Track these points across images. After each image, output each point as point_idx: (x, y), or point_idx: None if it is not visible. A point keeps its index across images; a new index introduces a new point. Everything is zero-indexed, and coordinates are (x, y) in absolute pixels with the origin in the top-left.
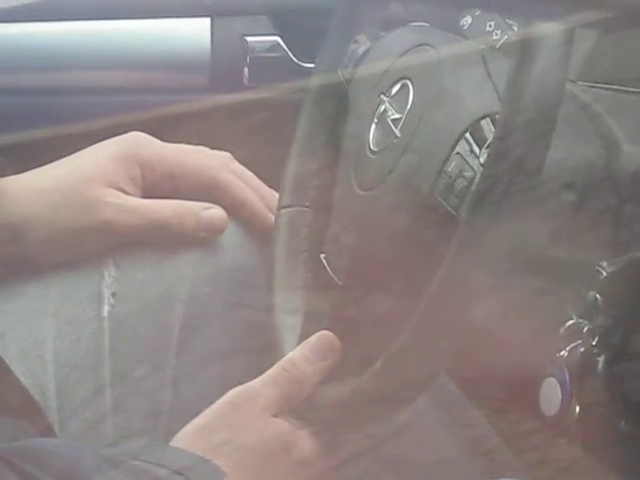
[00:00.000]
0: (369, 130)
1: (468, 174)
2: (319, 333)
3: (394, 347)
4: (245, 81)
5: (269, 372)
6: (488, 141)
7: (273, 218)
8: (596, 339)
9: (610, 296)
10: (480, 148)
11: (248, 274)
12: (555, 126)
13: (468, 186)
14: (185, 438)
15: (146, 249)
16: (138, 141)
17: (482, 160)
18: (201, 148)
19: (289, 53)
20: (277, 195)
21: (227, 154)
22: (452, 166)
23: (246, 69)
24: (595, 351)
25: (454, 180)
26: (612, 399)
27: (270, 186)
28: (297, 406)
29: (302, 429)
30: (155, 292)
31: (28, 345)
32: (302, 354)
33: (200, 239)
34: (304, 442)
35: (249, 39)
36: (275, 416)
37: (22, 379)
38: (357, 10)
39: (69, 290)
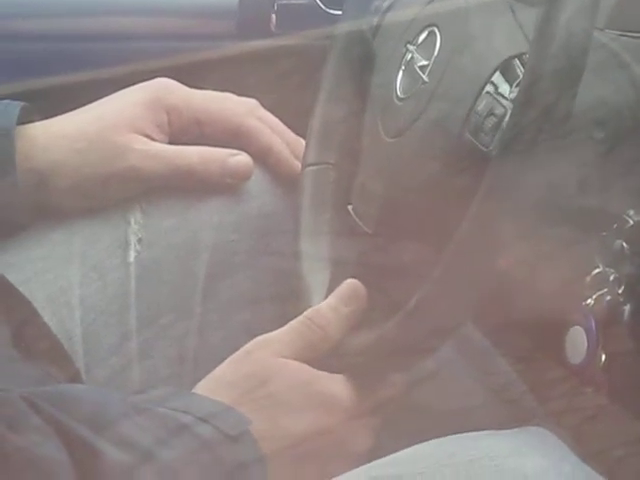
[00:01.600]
0: (396, 78)
1: (499, 111)
2: (346, 281)
3: (420, 295)
4: (272, 28)
5: (293, 321)
6: (518, 80)
7: (299, 165)
8: (622, 288)
9: (637, 245)
10: (510, 87)
11: (274, 221)
12: (582, 73)
13: (499, 123)
14: (207, 387)
15: (172, 195)
16: (165, 87)
17: (512, 97)
18: (228, 95)
19: (317, 0)
20: (304, 142)
21: (254, 101)
22: (482, 105)
23: (273, 16)
24: (621, 300)
25: (485, 118)
26: (638, 347)
27: (297, 133)
28: (323, 354)
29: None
30: (181, 239)
31: (54, 291)
32: (327, 302)
33: (226, 185)
34: (324, 380)
35: None
36: (296, 360)
37: (49, 325)
38: None
39: (95, 236)
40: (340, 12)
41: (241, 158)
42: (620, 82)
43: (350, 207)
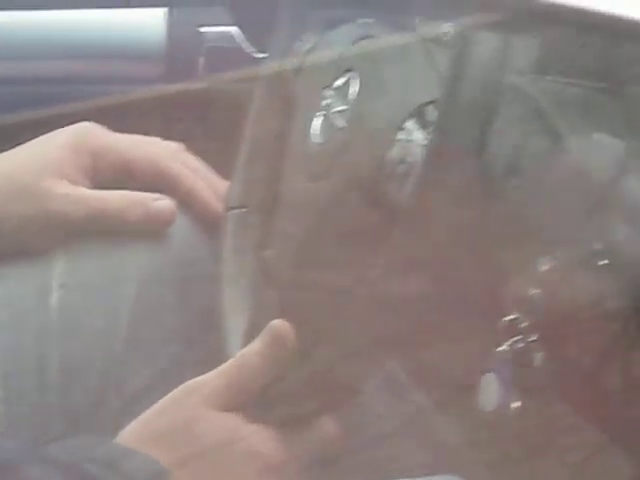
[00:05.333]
0: (315, 123)
1: (410, 159)
2: (272, 323)
3: (338, 339)
4: (200, 72)
5: (222, 366)
6: (431, 127)
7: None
8: (536, 335)
9: (549, 292)
10: (423, 134)
11: (198, 265)
12: (494, 117)
13: (409, 172)
14: (132, 436)
15: (95, 240)
16: (89, 131)
17: (424, 145)
18: (153, 139)
19: (245, 44)
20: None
21: (179, 145)
22: (395, 152)
23: (201, 60)
24: (534, 347)
25: (396, 166)
26: (551, 395)
27: (223, 177)
28: (253, 398)
29: (251, 424)
30: (104, 283)
31: None
32: (254, 345)
33: (149, 230)
34: (253, 437)
35: (204, 29)
36: (222, 408)
37: None
38: (303, 9)
39: (17, 281)
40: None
41: (164, 203)
42: (534, 126)
43: (269, 253)
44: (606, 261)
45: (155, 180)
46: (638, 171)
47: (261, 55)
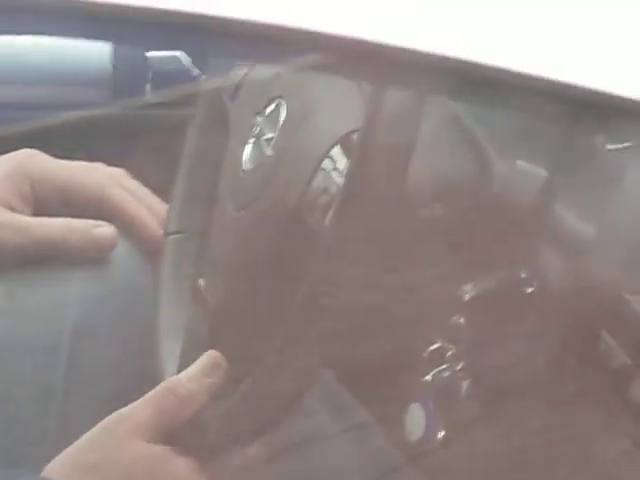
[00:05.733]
0: (244, 150)
1: (332, 189)
2: (207, 352)
3: (262, 367)
4: (147, 96)
5: (149, 393)
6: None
7: None
8: (461, 363)
9: (474, 320)
10: (346, 163)
11: (138, 293)
12: (415, 141)
13: (331, 201)
14: (59, 464)
15: (35, 267)
16: (29, 158)
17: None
18: (95, 165)
19: (190, 68)
20: None
21: (121, 170)
22: (318, 181)
23: (148, 85)
24: (460, 375)
25: (319, 196)
26: (476, 424)
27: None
28: (182, 425)
29: (180, 454)
30: (44, 311)
31: None
32: (187, 372)
33: (89, 257)
34: (177, 468)
35: (150, 54)
36: (154, 438)
37: None
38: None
39: None
40: None
41: (104, 230)
42: (461, 149)
43: (201, 281)
44: (533, 289)
45: (96, 206)
46: (565, 201)
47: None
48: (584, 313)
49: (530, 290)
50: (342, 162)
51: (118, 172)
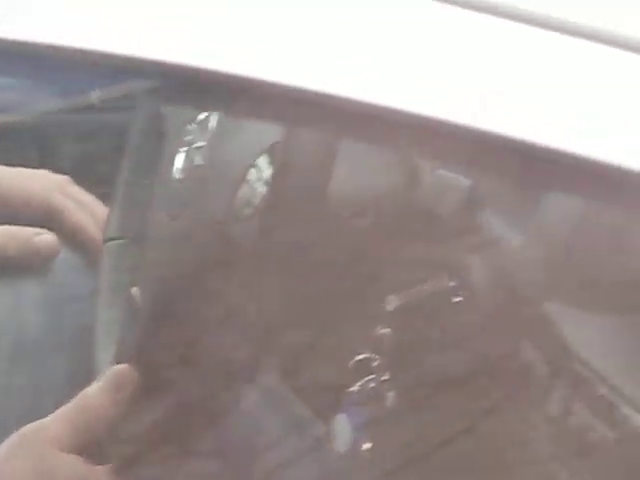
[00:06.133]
0: (177, 158)
1: (255, 200)
2: (116, 366)
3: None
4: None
5: (65, 405)
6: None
7: None
8: (387, 374)
9: (398, 330)
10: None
11: (79, 301)
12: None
13: (255, 212)
14: None
15: None
16: None
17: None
18: (39, 171)
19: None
20: None
21: (64, 177)
22: (242, 192)
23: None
24: (386, 386)
25: (242, 207)
26: (401, 434)
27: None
28: (97, 437)
29: (97, 464)
30: None
31: None
32: (98, 386)
33: (30, 265)
34: (94, 478)
35: None
36: (70, 449)
37: None
38: None
39: None
40: None
41: (45, 237)
42: (389, 163)
43: (134, 289)
44: (460, 298)
45: (39, 214)
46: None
47: None
48: (508, 322)
49: (457, 299)
50: (267, 172)
51: (62, 179)
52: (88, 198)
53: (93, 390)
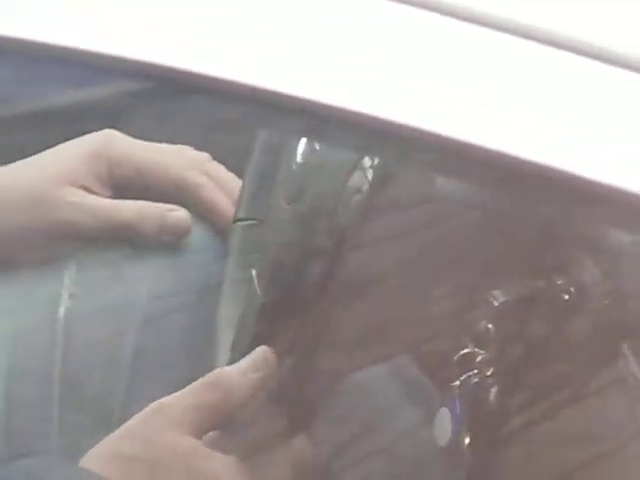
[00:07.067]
0: (300, 141)
1: (365, 188)
2: (258, 348)
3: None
4: None
5: (194, 383)
6: None
7: None
8: (491, 369)
9: (502, 326)
10: None
11: (212, 279)
12: None
13: (363, 202)
14: (97, 453)
15: (107, 250)
16: (109, 139)
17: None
18: (179, 147)
19: None
20: None
21: (204, 154)
22: (353, 179)
23: None
24: (489, 382)
25: (353, 195)
26: (502, 430)
27: None
28: (224, 417)
29: (220, 448)
30: (114, 294)
31: None
32: (237, 365)
33: (163, 241)
34: (214, 464)
35: None
36: (193, 431)
37: None
38: None
39: (27, 290)
40: None
41: (179, 214)
42: None
43: (253, 271)
44: (569, 296)
45: (173, 190)
46: None
47: None
48: (610, 323)
49: (566, 297)
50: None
51: (201, 155)
52: (227, 175)
53: (231, 369)
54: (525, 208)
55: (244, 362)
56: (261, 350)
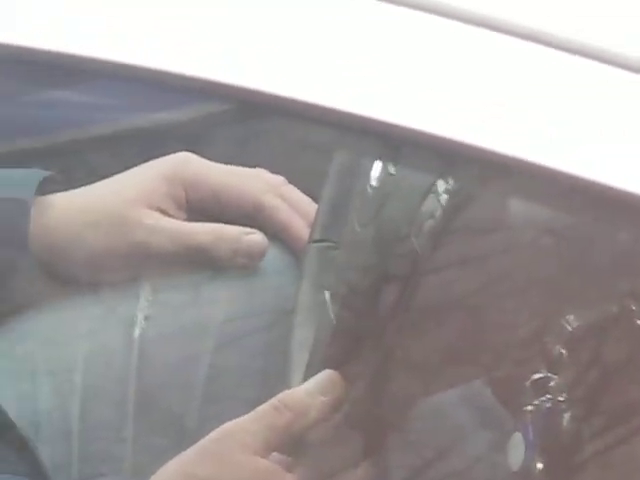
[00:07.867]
0: (374, 165)
1: (438, 214)
2: (325, 371)
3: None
4: None
5: (262, 406)
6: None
7: None
8: (564, 394)
9: (576, 351)
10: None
11: (286, 301)
12: None
13: (436, 228)
14: (167, 473)
15: (183, 272)
16: (185, 162)
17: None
18: (256, 171)
19: None
20: None
21: (279, 178)
22: (426, 205)
23: None
24: (562, 407)
25: (425, 220)
26: (576, 456)
27: None
28: (293, 439)
29: (288, 469)
30: (189, 317)
31: (57, 367)
32: (304, 387)
33: (238, 264)
34: None
35: None
36: (263, 452)
37: (48, 400)
38: None
39: (103, 311)
40: None
41: (255, 237)
42: None
43: (327, 293)
44: None
45: (248, 212)
46: None
47: None
48: None
49: None
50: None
51: (276, 179)
52: (302, 198)
53: (299, 391)
54: (600, 233)
55: (310, 384)
56: (328, 373)
